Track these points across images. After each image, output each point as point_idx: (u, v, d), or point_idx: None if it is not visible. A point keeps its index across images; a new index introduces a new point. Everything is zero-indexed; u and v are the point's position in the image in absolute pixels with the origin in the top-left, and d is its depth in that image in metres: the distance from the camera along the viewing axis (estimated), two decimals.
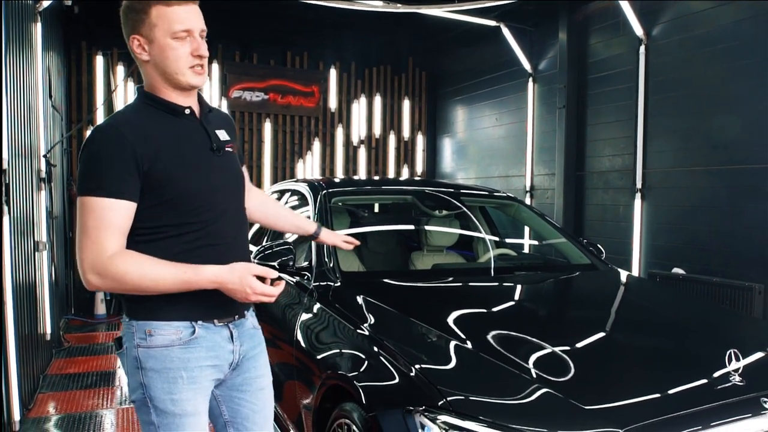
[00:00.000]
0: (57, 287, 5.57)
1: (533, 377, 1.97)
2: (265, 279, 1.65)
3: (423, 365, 2.06)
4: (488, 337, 2.27)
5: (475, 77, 7.92)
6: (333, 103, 8.32)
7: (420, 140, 8.86)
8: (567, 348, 2.24)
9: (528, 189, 6.98)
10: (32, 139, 4.48)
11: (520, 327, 2.45)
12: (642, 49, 5.43)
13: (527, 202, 6.38)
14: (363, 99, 8.49)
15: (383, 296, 2.72)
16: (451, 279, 3.11)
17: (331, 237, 2.37)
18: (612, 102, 5.89)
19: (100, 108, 6.99)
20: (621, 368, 2.16)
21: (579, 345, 2.30)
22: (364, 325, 2.41)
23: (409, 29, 7.95)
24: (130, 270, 1.54)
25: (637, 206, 5.51)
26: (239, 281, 1.60)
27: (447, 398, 1.84)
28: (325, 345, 2.52)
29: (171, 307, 1.66)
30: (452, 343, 2.19)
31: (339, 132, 8.39)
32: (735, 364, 2.04)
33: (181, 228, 1.66)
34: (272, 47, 7.96)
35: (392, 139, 8.69)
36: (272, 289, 1.64)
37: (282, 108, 8.03)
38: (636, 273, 5.45)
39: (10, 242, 3.55)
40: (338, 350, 2.42)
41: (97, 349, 5.50)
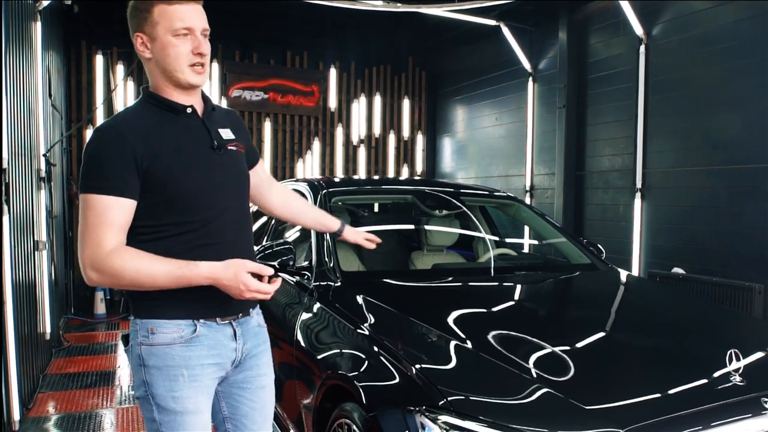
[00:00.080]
0: (57, 287, 5.56)
1: (534, 377, 1.97)
2: (263, 277, 1.65)
3: (423, 365, 2.06)
4: (488, 337, 2.27)
5: (475, 77, 7.91)
6: (333, 103, 8.32)
7: (420, 140, 8.86)
8: (567, 348, 2.24)
9: (528, 189, 6.98)
10: (32, 139, 4.47)
11: (521, 327, 2.45)
12: (642, 49, 5.43)
13: (527, 202, 6.37)
14: (363, 98, 8.48)
15: (383, 296, 2.73)
16: (451, 279, 3.10)
17: (354, 235, 2.34)
18: (612, 102, 5.89)
19: (100, 107, 6.99)
20: (621, 368, 2.16)
21: (579, 345, 2.30)
22: (365, 325, 2.41)
23: (409, 29, 7.95)
24: (126, 265, 1.56)
25: (637, 206, 5.51)
26: (234, 277, 1.60)
27: (447, 398, 1.84)
28: (326, 345, 2.52)
29: (173, 306, 1.67)
30: (452, 343, 2.19)
31: (339, 131, 8.39)
32: (735, 364, 2.05)
33: (182, 227, 1.67)
34: (272, 47, 7.96)
35: (392, 139, 8.68)
36: (267, 287, 1.64)
37: (282, 107, 8.02)
38: (636, 273, 5.44)
39: (10, 242, 3.55)
40: (338, 350, 2.42)
41: (97, 349, 5.49)
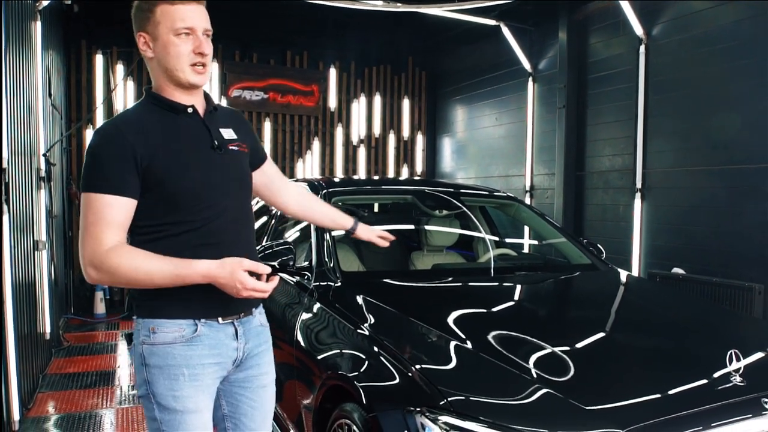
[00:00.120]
0: (56, 286, 5.56)
1: (534, 377, 1.97)
2: (261, 276, 1.65)
3: (423, 365, 2.05)
4: (488, 338, 2.27)
5: (475, 77, 7.91)
6: (333, 103, 8.31)
7: (420, 140, 8.86)
8: (567, 348, 2.24)
9: (528, 189, 6.97)
10: (32, 138, 4.47)
11: (521, 327, 2.45)
12: (642, 49, 5.43)
13: (527, 202, 6.37)
14: (363, 98, 8.48)
15: (383, 296, 2.72)
16: (451, 279, 3.10)
17: (367, 233, 2.31)
18: (612, 102, 5.89)
19: (100, 107, 6.99)
20: (621, 368, 2.16)
21: (579, 345, 2.30)
22: (365, 325, 2.41)
23: (409, 29, 7.94)
24: (124, 263, 1.57)
25: (637, 206, 5.51)
26: (230, 276, 1.60)
27: (448, 398, 1.84)
28: (326, 345, 2.52)
29: (174, 305, 1.68)
30: (452, 344, 2.19)
31: (339, 131, 8.39)
32: (735, 365, 2.05)
33: (182, 226, 1.68)
34: (272, 47, 7.96)
35: (392, 139, 8.68)
36: (264, 285, 1.64)
37: (282, 107, 8.02)
38: (636, 273, 5.44)
39: (10, 241, 3.55)
40: (338, 350, 2.42)
41: (97, 349, 5.49)
